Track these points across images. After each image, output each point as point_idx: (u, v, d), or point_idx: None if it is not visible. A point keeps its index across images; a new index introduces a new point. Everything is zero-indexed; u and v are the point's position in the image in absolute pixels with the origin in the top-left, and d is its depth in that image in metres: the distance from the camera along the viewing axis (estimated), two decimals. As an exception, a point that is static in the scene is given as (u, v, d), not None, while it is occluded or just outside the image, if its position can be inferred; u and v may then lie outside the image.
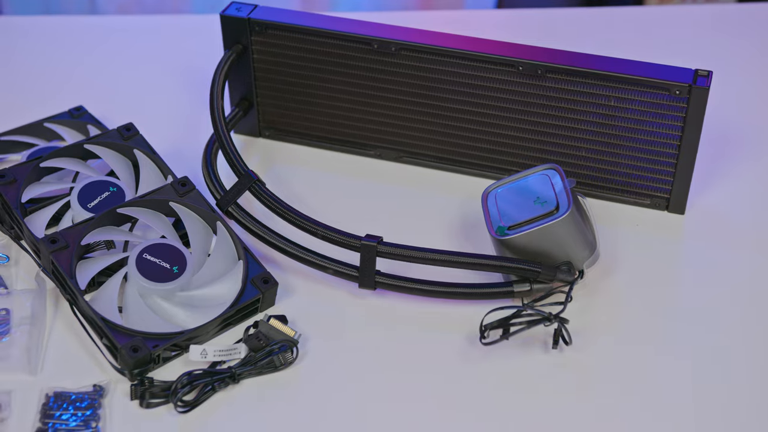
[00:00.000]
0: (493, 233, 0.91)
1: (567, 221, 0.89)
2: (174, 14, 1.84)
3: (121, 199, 0.99)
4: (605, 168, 1.04)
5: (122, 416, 0.82)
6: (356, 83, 1.08)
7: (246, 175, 0.98)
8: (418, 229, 1.00)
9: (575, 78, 0.99)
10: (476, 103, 1.05)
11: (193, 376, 0.83)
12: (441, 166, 1.11)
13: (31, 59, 1.30)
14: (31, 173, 0.98)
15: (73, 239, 0.90)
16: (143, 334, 0.85)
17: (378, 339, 0.90)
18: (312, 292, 0.95)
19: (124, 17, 1.56)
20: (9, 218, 0.98)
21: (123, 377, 0.85)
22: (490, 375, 0.87)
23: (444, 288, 0.91)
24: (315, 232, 0.94)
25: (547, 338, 0.89)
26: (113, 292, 0.88)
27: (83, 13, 1.90)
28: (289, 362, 0.86)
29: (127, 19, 1.52)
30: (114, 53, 1.32)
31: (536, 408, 0.84)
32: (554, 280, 0.90)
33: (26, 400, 0.83)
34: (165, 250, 0.91)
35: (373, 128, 1.11)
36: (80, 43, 1.34)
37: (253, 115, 1.15)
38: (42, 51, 1.32)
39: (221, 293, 0.91)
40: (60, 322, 0.91)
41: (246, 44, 1.09)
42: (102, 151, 1.02)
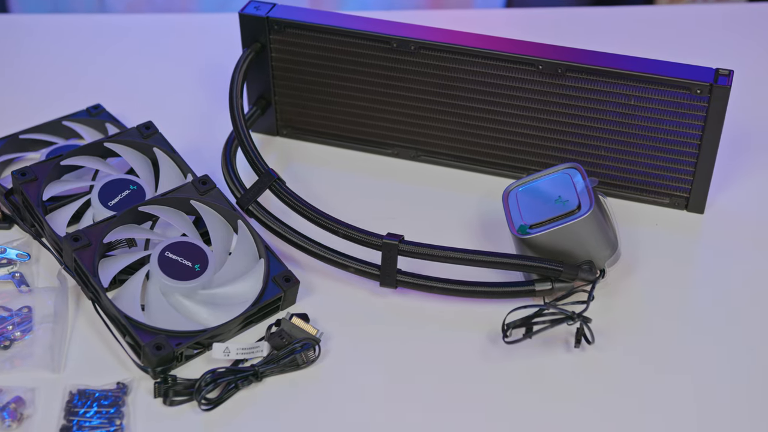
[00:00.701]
0: (514, 232, 0.91)
1: (589, 220, 0.89)
2: (186, 13, 1.84)
3: (141, 197, 0.99)
4: (624, 167, 1.04)
5: (146, 414, 0.83)
6: (375, 82, 1.08)
7: (266, 174, 0.98)
8: (436, 228, 1.00)
9: (595, 77, 0.99)
10: (495, 102, 1.05)
11: (216, 374, 0.83)
12: (458, 165, 1.11)
13: (46, 57, 1.30)
14: (52, 171, 0.99)
15: (95, 237, 0.90)
16: (166, 332, 0.85)
17: (399, 337, 0.90)
18: (332, 291, 0.95)
19: (136, 16, 1.56)
20: (30, 216, 0.98)
21: (146, 375, 0.85)
22: (512, 374, 0.87)
23: (465, 287, 0.91)
24: (336, 231, 0.94)
25: (569, 337, 0.89)
26: (136, 290, 0.89)
27: (92, 11, 1.90)
28: (311, 360, 0.86)
29: (138, 17, 1.52)
30: (129, 52, 1.32)
31: (559, 407, 0.84)
32: (576, 279, 0.90)
33: (50, 398, 0.83)
34: (187, 249, 0.91)
35: (390, 127, 1.11)
36: (94, 41, 1.34)
37: (270, 113, 1.15)
38: (56, 49, 1.32)
39: (243, 291, 0.91)
40: (82, 320, 0.91)
41: (264, 43, 1.09)
42: (122, 149, 1.02)
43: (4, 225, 1.01)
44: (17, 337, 0.88)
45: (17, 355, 0.86)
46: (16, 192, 0.98)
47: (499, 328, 0.89)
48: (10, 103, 1.22)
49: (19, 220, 1.00)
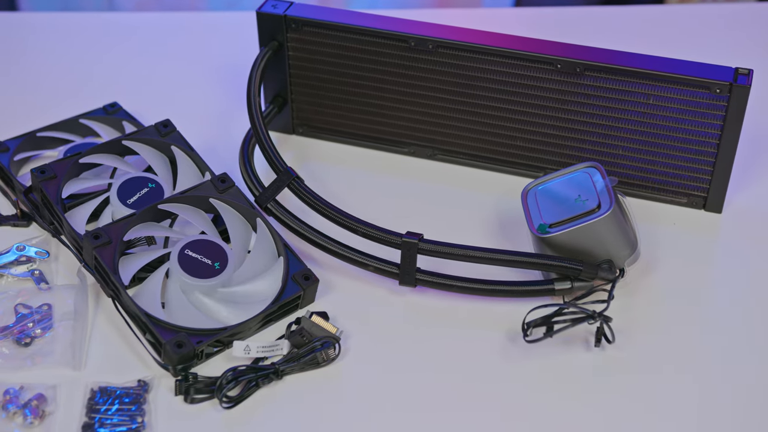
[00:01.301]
0: (534, 231, 0.91)
1: (609, 219, 0.89)
2: (197, 11, 1.84)
3: (160, 195, 0.99)
4: (642, 167, 1.04)
5: (167, 411, 0.83)
6: (392, 80, 1.08)
7: (285, 172, 0.98)
8: (453, 227, 1.00)
9: (614, 76, 0.99)
10: (513, 101, 1.05)
11: (237, 372, 0.83)
12: (475, 164, 1.11)
13: (59, 56, 1.30)
14: (71, 169, 0.99)
15: (115, 235, 0.90)
16: (187, 330, 0.85)
17: (419, 336, 0.91)
18: (351, 289, 0.95)
19: (147, 14, 1.56)
20: (49, 214, 0.98)
21: (166, 372, 0.86)
22: (531, 373, 0.87)
23: (484, 285, 0.91)
24: (356, 230, 0.94)
25: (588, 336, 0.89)
26: (156, 288, 0.89)
27: (101, 9, 1.90)
28: (331, 359, 0.86)
29: (149, 15, 1.52)
30: (142, 50, 1.32)
31: (579, 406, 0.84)
32: (595, 278, 0.90)
33: (71, 395, 0.83)
34: (206, 247, 0.92)
35: (407, 125, 1.11)
36: (106, 39, 1.34)
37: (286, 112, 1.15)
38: (69, 48, 1.32)
39: (262, 290, 0.91)
40: (101, 318, 0.91)
41: (282, 41, 1.09)
42: (140, 147, 1.03)
43: (23, 223, 1.01)
44: (38, 334, 0.88)
45: (38, 353, 0.86)
46: (35, 190, 0.98)
47: (519, 327, 0.89)
48: (26, 101, 1.22)
49: (37, 217, 1.00)
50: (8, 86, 1.24)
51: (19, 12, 1.79)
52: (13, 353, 0.86)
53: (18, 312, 0.90)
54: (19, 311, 0.90)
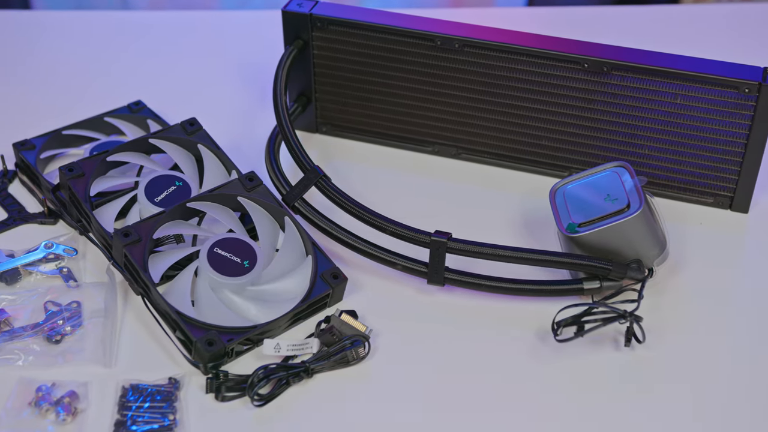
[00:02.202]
0: (563, 230, 0.91)
1: (639, 219, 0.89)
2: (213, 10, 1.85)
3: (187, 193, 0.99)
4: (669, 166, 1.04)
5: (198, 409, 0.83)
6: (416, 79, 1.08)
7: (312, 171, 0.98)
8: (478, 226, 1.00)
9: (641, 75, 0.99)
10: (539, 100, 1.05)
11: (269, 370, 0.83)
12: (499, 163, 1.11)
13: (79, 54, 1.31)
14: (98, 167, 0.99)
15: (145, 233, 0.90)
16: (217, 328, 0.85)
17: (448, 335, 0.91)
18: (378, 288, 0.95)
19: (164, 13, 1.56)
20: (77, 211, 0.98)
21: (196, 370, 0.86)
22: (561, 372, 0.87)
23: (513, 285, 0.91)
24: (384, 228, 0.94)
25: (617, 336, 0.89)
26: (186, 286, 0.89)
27: (115, 8, 1.90)
28: (361, 357, 0.86)
29: (165, 14, 1.52)
30: (162, 49, 1.33)
31: (610, 406, 0.84)
32: (624, 278, 0.90)
33: (102, 392, 0.83)
34: (235, 245, 0.92)
35: (431, 124, 1.11)
36: (125, 38, 1.35)
37: (310, 110, 1.15)
38: (89, 46, 1.32)
39: (291, 288, 0.91)
40: (130, 315, 0.91)
41: (307, 40, 1.09)
42: (166, 145, 1.03)
43: (50, 220, 1.01)
44: (67, 331, 0.88)
45: (69, 350, 0.86)
46: (63, 188, 0.98)
47: (547, 326, 0.89)
48: (49, 99, 1.22)
49: (65, 215, 1.00)
50: (31, 84, 1.25)
51: (35, 10, 1.79)
52: (44, 350, 0.86)
53: (48, 309, 0.90)
54: (48, 308, 0.90)
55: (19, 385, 0.82)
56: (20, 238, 1.00)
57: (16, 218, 1.02)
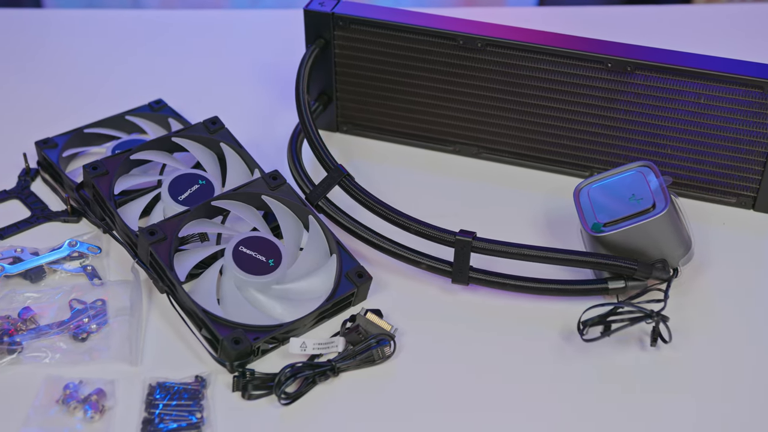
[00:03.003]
0: (588, 230, 0.91)
1: (664, 219, 0.88)
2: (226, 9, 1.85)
3: (210, 192, 0.99)
4: (691, 166, 1.04)
5: (224, 407, 0.83)
6: (438, 79, 1.08)
7: (336, 169, 0.98)
8: (500, 225, 0.99)
9: (665, 75, 0.99)
10: (561, 99, 1.05)
11: (295, 369, 0.83)
12: (521, 163, 1.11)
13: (95, 53, 1.31)
14: (122, 165, 0.99)
15: (170, 231, 0.90)
16: (243, 326, 0.85)
17: (473, 334, 0.90)
18: (402, 287, 0.95)
19: (177, 12, 1.57)
20: (101, 209, 0.98)
21: (221, 368, 0.86)
22: (587, 372, 0.87)
23: (538, 284, 0.91)
24: (408, 227, 0.94)
25: (642, 336, 0.89)
26: (211, 284, 0.89)
27: (126, 7, 1.91)
28: (387, 356, 0.86)
29: (180, 13, 1.53)
30: (180, 47, 1.33)
31: (639, 406, 0.84)
32: (650, 277, 0.90)
33: (129, 390, 0.84)
34: (260, 243, 0.92)
35: (452, 124, 1.11)
36: (141, 37, 1.35)
37: (331, 109, 1.15)
38: (104, 45, 1.32)
39: (316, 287, 0.91)
40: (155, 313, 0.92)
41: (328, 39, 1.09)
42: (189, 144, 1.03)
43: (73, 218, 1.02)
44: (93, 329, 0.88)
45: (95, 348, 0.87)
46: (87, 186, 0.99)
47: (572, 325, 0.89)
48: (69, 97, 1.22)
49: (88, 213, 1.00)
50: (50, 83, 1.25)
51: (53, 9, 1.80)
52: (70, 348, 0.86)
53: (73, 307, 0.90)
54: (73, 306, 0.90)
55: (47, 382, 0.83)
56: (43, 236, 1.00)
57: (39, 216, 1.02)
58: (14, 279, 0.93)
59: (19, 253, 0.95)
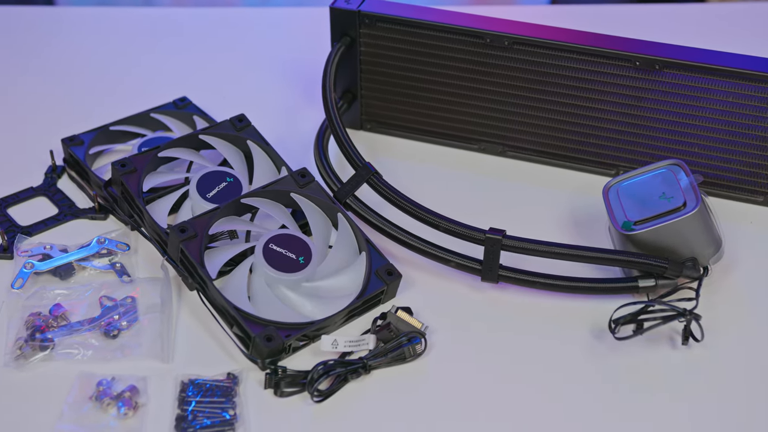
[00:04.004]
0: (618, 228, 0.91)
1: (695, 217, 0.88)
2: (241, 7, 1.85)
3: (238, 189, 0.99)
4: (718, 164, 1.04)
5: (256, 404, 0.83)
6: (464, 77, 1.08)
7: (364, 167, 0.98)
8: (527, 223, 0.99)
9: (693, 73, 0.99)
10: (588, 98, 1.04)
11: (328, 366, 0.83)
12: (546, 161, 1.11)
13: (110, 51, 1.31)
14: (150, 163, 0.99)
15: (201, 228, 0.91)
16: (275, 324, 0.85)
17: (503, 332, 0.90)
18: (430, 285, 0.95)
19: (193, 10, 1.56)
20: (129, 207, 0.98)
21: (253, 365, 0.86)
22: (619, 371, 0.86)
23: (567, 282, 0.91)
24: (437, 225, 0.94)
25: (673, 334, 0.89)
26: (242, 282, 0.89)
27: (138, 4, 1.90)
28: (418, 354, 0.86)
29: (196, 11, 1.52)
30: (201, 45, 1.33)
31: (672, 404, 0.84)
32: (680, 276, 0.90)
33: (162, 387, 0.84)
34: (290, 241, 0.92)
35: (477, 122, 1.11)
36: (158, 34, 1.35)
37: (355, 107, 1.15)
38: (119, 43, 1.33)
39: (345, 285, 0.91)
40: (184, 311, 0.92)
41: (354, 37, 1.09)
42: (216, 141, 1.03)
43: (100, 216, 1.02)
44: (123, 326, 0.88)
45: (126, 345, 0.87)
46: (116, 183, 0.99)
47: (601, 324, 0.89)
48: (92, 95, 1.23)
49: (116, 210, 1.00)
50: (73, 81, 1.25)
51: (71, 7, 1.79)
52: (102, 345, 0.86)
53: (103, 304, 0.90)
54: (104, 303, 0.90)
55: (80, 379, 0.83)
56: (71, 233, 1.00)
57: (67, 213, 1.02)
58: (44, 276, 0.94)
59: (48, 250, 0.95)
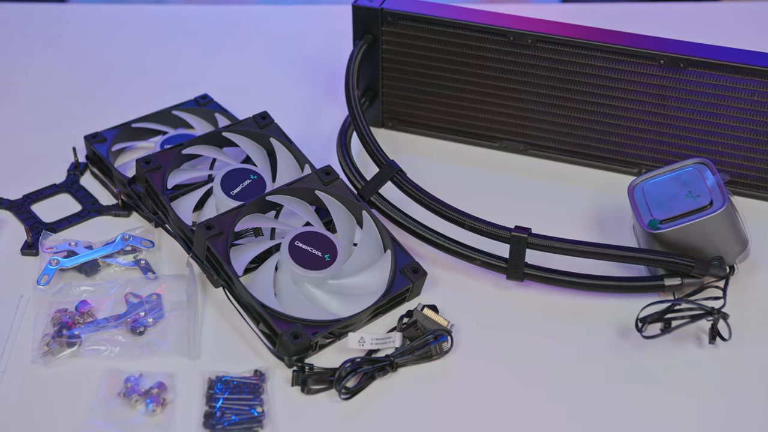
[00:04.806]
0: (644, 226, 0.91)
1: (722, 216, 0.88)
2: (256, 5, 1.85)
3: (262, 187, 0.99)
4: (742, 163, 1.03)
5: (283, 401, 0.83)
6: (486, 75, 1.08)
7: (388, 165, 0.98)
8: (550, 222, 0.98)
9: (718, 71, 0.99)
10: (612, 96, 1.04)
11: (356, 364, 0.83)
12: (568, 159, 1.11)
13: (126, 48, 1.31)
14: (174, 160, 0.99)
15: (227, 226, 0.91)
16: (301, 321, 0.85)
17: (529, 331, 0.90)
18: (455, 283, 0.95)
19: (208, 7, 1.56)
20: (153, 204, 0.98)
21: (279, 363, 0.86)
22: (646, 369, 0.86)
23: (593, 281, 0.91)
24: (462, 223, 0.94)
25: (699, 333, 0.89)
26: (268, 279, 0.89)
27: (152, 1, 1.90)
28: (444, 352, 0.86)
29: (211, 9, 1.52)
30: (222, 43, 1.33)
31: (700, 404, 0.84)
32: (706, 275, 0.90)
33: (189, 384, 0.84)
34: (316, 238, 0.92)
35: (499, 120, 1.11)
36: (174, 32, 1.35)
37: (376, 105, 1.15)
38: (134, 40, 1.33)
39: (371, 282, 0.91)
40: (210, 308, 0.92)
41: (376, 34, 1.09)
42: (239, 139, 1.03)
43: (124, 213, 1.02)
44: (149, 323, 0.88)
45: (153, 342, 0.87)
46: (140, 180, 0.99)
47: (627, 322, 0.89)
48: (112, 92, 1.23)
49: (140, 207, 1.00)
50: (92, 78, 1.25)
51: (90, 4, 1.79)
52: (128, 342, 0.87)
53: (129, 301, 0.90)
54: (129, 300, 0.90)
55: (108, 375, 0.83)
56: (95, 230, 1.00)
57: (90, 210, 1.03)
58: (69, 272, 0.94)
59: (73, 246, 0.96)
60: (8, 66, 1.28)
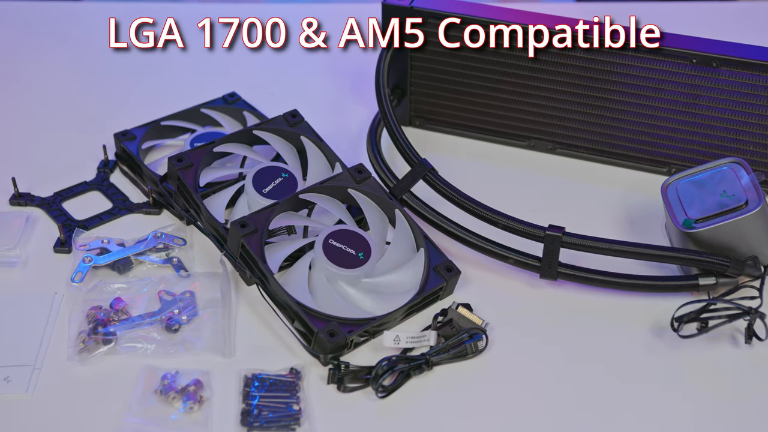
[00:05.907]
0: (679, 226, 0.90)
1: (758, 216, 0.88)
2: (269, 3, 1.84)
3: (293, 185, 0.99)
4: (774, 163, 1.04)
5: (320, 399, 0.83)
6: (515, 74, 1.08)
7: (420, 164, 0.98)
8: (581, 221, 0.98)
9: (750, 70, 0.98)
10: (643, 95, 1.04)
11: (392, 362, 0.83)
12: (596, 159, 1.11)
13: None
14: (206, 158, 0.99)
15: (261, 223, 0.91)
16: (337, 319, 0.85)
17: (563, 329, 0.90)
18: (488, 281, 0.95)
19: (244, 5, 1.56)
20: (185, 201, 0.98)
21: (314, 361, 0.86)
22: (681, 368, 0.86)
23: (627, 280, 0.91)
24: (496, 222, 0.94)
25: (734, 332, 0.88)
26: (303, 277, 0.89)
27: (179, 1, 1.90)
28: (479, 350, 0.86)
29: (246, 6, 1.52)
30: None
31: (737, 403, 0.84)
32: (741, 274, 0.90)
33: (224, 381, 0.84)
34: (349, 237, 0.92)
35: (528, 119, 1.11)
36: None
37: (404, 103, 1.15)
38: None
39: (404, 281, 0.91)
40: (243, 306, 0.92)
41: (405, 33, 1.09)
42: (270, 137, 1.03)
43: (155, 210, 1.02)
44: (183, 321, 0.88)
45: (187, 339, 0.87)
46: (172, 178, 0.99)
47: (662, 321, 0.89)
48: (138, 90, 1.23)
49: (171, 205, 1.01)
50: (123, 76, 1.26)
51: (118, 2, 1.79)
52: (164, 339, 0.87)
53: (162, 299, 0.90)
54: (163, 298, 0.90)
55: (145, 372, 0.83)
56: (126, 228, 1.00)
57: (121, 208, 1.03)
58: (102, 270, 0.94)
59: (105, 244, 0.96)
60: (39, 64, 1.28)
